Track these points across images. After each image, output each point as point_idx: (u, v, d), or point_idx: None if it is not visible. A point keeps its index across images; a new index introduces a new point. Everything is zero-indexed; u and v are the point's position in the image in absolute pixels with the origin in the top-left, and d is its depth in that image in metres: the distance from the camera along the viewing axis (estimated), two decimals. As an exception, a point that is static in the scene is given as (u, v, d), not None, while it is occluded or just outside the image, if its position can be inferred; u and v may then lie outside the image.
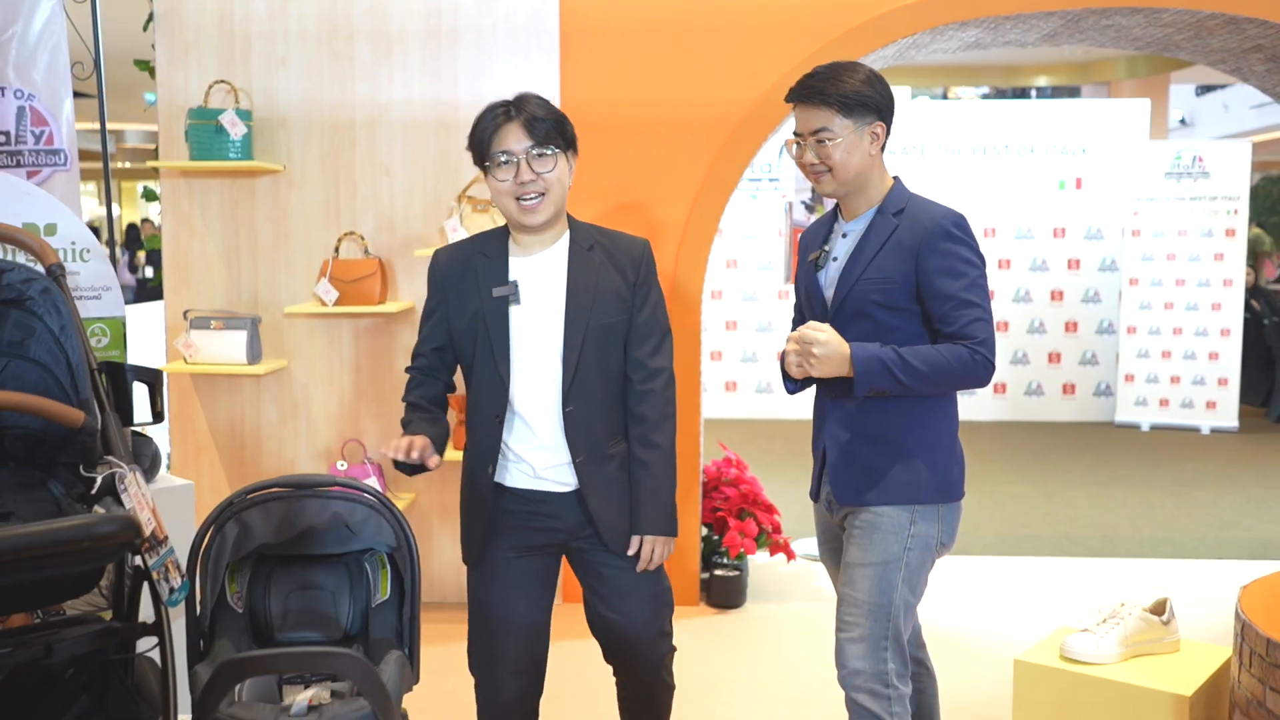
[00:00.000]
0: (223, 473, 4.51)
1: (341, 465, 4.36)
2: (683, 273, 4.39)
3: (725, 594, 4.52)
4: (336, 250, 4.36)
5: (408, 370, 2.51)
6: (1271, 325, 8.98)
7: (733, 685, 3.76)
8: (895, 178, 2.45)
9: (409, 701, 2.29)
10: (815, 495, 2.53)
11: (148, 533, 1.82)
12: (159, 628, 1.83)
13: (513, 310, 2.37)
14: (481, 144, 2.37)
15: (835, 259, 2.43)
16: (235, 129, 4.22)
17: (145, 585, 1.86)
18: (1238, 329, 8.47)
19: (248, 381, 4.48)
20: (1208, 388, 8.55)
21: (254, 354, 4.31)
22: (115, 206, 4.51)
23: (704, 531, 4.66)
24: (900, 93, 13.89)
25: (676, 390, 2.49)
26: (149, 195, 4.90)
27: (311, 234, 4.43)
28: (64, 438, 1.98)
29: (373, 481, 4.34)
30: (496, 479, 2.42)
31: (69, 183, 4.35)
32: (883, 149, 2.39)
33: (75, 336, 1.99)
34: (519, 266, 2.41)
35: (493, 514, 2.42)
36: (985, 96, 15.99)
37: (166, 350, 4.50)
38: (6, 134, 4.29)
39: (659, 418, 2.43)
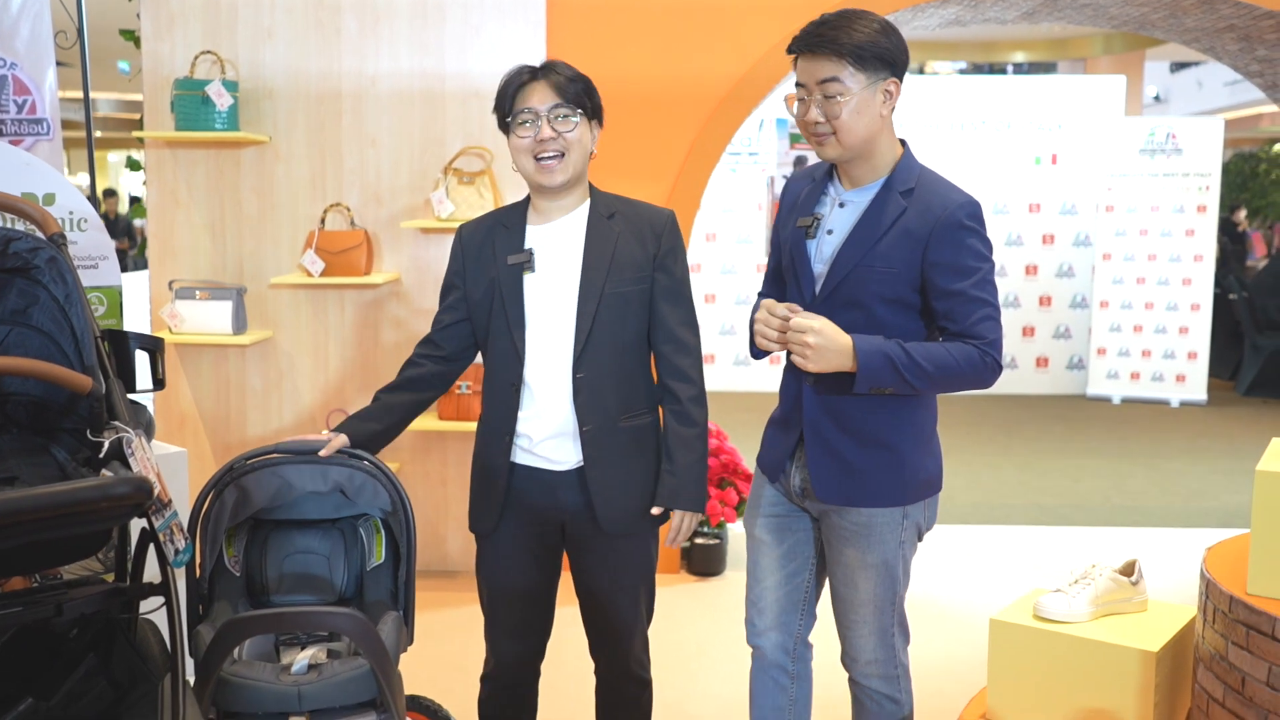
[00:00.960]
0: (207, 442, 4.55)
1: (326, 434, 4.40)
2: (666, 246, 4.44)
3: (706, 562, 4.61)
4: (323, 221, 4.38)
5: (416, 346, 2.49)
6: (1241, 300, 9.13)
7: (713, 651, 3.85)
8: (904, 144, 2.23)
9: (405, 663, 2.36)
10: (774, 476, 2.38)
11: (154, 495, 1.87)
12: (166, 588, 1.88)
13: (528, 278, 2.35)
14: (505, 101, 2.32)
15: (830, 232, 2.23)
16: (221, 100, 4.23)
17: (151, 547, 1.91)
18: (1208, 304, 8.61)
19: (233, 352, 4.51)
20: (1178, 361, 8.69)
21: (239, 324, 4.34)
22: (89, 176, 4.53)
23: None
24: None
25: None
26: (132, 165, 4.88)
27: (298, 205, 4.45)
28: (67, 403, 2.02)
29: (359, 451, 4.39)
30: (510, 457, 2.39)
31: (52, 152, 4.35)
32: (892, 110, 2.16)
33: (80, 305, 2.03)
34: (536, 235, 2.39)
35: (506, 489, 2.40)
36: (963, 72, 16.07)
37: (151, 320, 4.52)
38: (-11, 103, 4.29)
39: (695, 393, 2.39)
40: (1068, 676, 2.37)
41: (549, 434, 2.37)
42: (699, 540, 4.62)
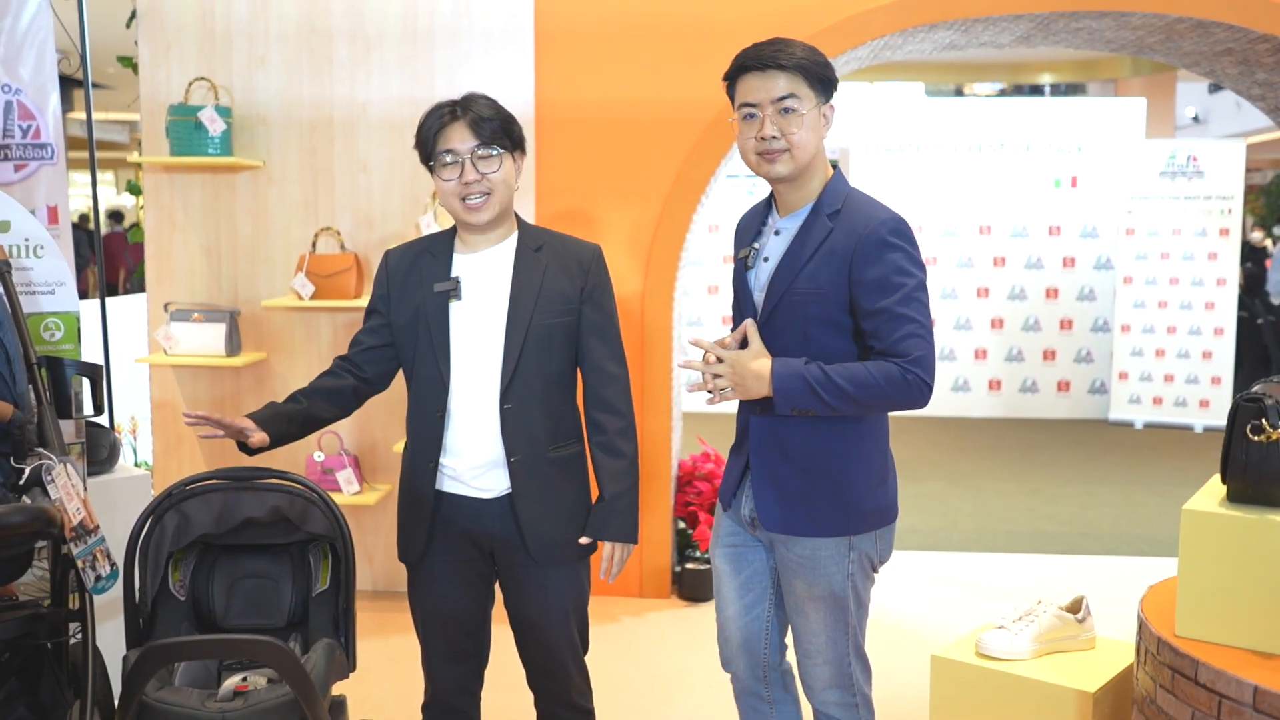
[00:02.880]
0: (203, 462, 4.60)
1: (319, 456, 4.45)
2: (655, 270, 4.45)
3: (696, 587, 4.59)
4: (314, 245, 4.43)
5: (334, 360, 2.49)
6: (1268, 324, 8.97)
7: (702, 676, 3.82)
8: (835, 167, 2.27)
9: (355, 689, 2.36)
10: (728, 504, 2.39)
11: (75, 522, 1.90)
12: (82, 613, 1.90)
13: (454, 306, 2.37)
14: (426, 143, 2.36)
15: (766, 259, 2.26)
16: (214, 125, 4.30)
17: (74, 572, 1.93)
18: (1231, 328, 8.46)
19: (227, 373, 4.57)
20: (1201, 386, 8.55)
21: (233, 346, 4.40)
22: (90, 199, 4.61)
23: (678, 525, 4.73)
24: (913, 90, 13.83)
25: (651, 385, 2.44)
26: (133, 189, 4.97)
27: (290, 229, 4.51)
28: (3, 430, 2.06)
29: (348, 473, 4.42)
30: (435, 484, 2.40)
31: (56, 175, 4.43)
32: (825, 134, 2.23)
33: (12, 332, 2.07)
34: (463, 264, 2.41)
35: (433, 516, 2.41)
36: (1003, 93, 15.92)
37: (149, 342, 4.59)
38: (-6, 128, 4.39)
39: (623, 425, 2.41)
40: (1008, 715, 2.33)
41: (476, 463, 2.38)
42: (690, 565, 4.60)
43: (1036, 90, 15.90)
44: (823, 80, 2.19)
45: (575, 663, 2.50)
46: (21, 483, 1.88)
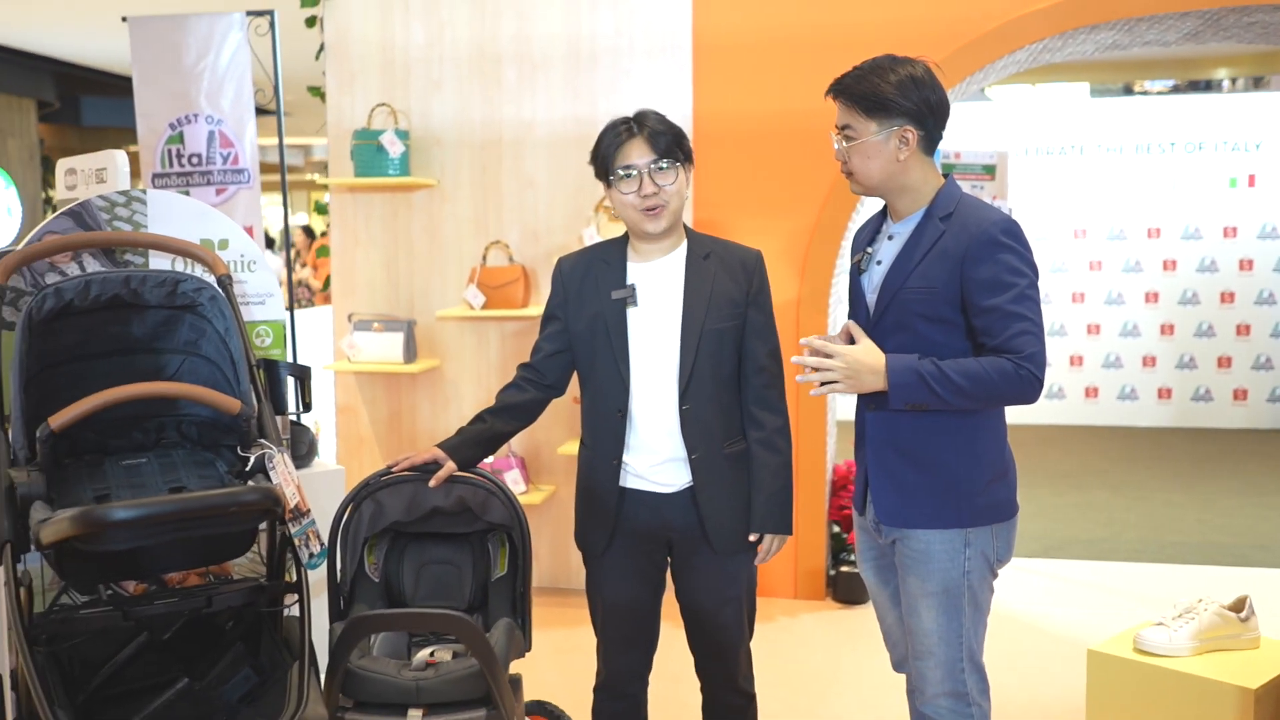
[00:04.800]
0: (381, 462, 4.91)
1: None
2: (810, 278, 4.54)
3: (850, 589, 4.64)
4: (484, 258, 4.69)
5: (518, 368, 2.68)
6: None
7: (857, 675, 3.89)
8: (947, 177, 2.33)
9: (526, 674, 2.53)
10: (860, 509, 2.45)
11: (290, 505, 2.13)
12: (299, 586, 2.13)
13: (630, 312, 2.52)
14: (606, 159, 2.50)
15: (879, 262, 2.34)
16: (394, 148, 4.61)
17: (290, 550, 2.17)
18: None
19: (404, 379, 4.87)
20: (1393, 395, 8.08)
21: (410, 354, 4.70)
22: (287, 217, 4.99)
23: (833, 529, 4.79)
24: (1077, 90, 13.42)
25: (805, 392, 2.55)
26: (320, 209, 5.36)
27: (462, 243, 4.78)
28: (228, 424, 2.32)
29: (515, 474, 4.66)
30: (619, 481, 2.54)
31: (251, 198, 4.84)
32: (930, 151, 2.28)
33: (237, 336, 2.33)
34: (637, 272, 2.56)
35: (617, 512, 2.55)
36: (1176, 90, 15.25)
37: (334, 350, 4.94)
38: (199, 156, 4.80)
39: (781, 423, 2.54)
40: (1166, 711, 2.34)
41: (657, 460, 2.53)
42: (845, 569, 4.66)
43: (1211, 86, 15.19)
44: (884, 109, 2.23)
45: (744, 649, 2.63)
46: (248, 469, 2.13)
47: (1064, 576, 4.92)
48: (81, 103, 13.81)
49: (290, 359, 4.91)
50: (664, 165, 2.46)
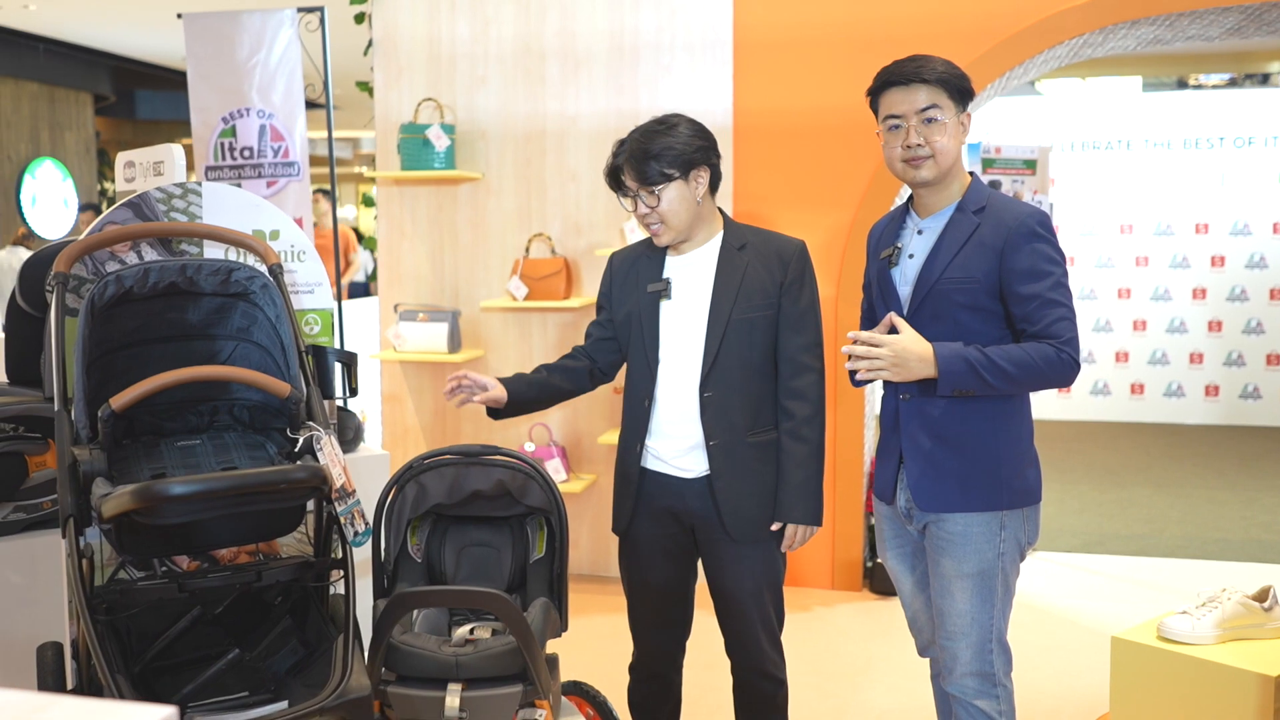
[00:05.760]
0: (425, 449, 5.01)
1: (529, 446, 4.78)
2: (849, 273, 4.57)
3: (887, 580, 4.67)
4: (527, 250, 4.78)
5: (576, 346, 2.80)
6: None
7: (891, 664, 3.94)
8: (972, 173, 2.43)
9: (564, 656, 2.60)
10: (888, 498, 2.50)
11: (337, 485, 2.22)
12: (344, 562, 2.23)
13: (664, 304, 2.61)
14: (611, 177, 2.63)
15: (911, 256, 2.39)
16: (440, 142, 4.70)
17: (336, 528, 2.26)
18: None
19: (449, 368, 4.96)
20: None
21: (454, 344, 4.79)
22: (338, 209, 5.11)
23: (870, 520, 4.83)
24: (1130, 84, 13.25)
25: (844, 384, 2.59)
26: (367, 201, 5.46)
27: (506, 235, 4.87)
28: (278, 407, 2.42)
29: (556, 462, 4.74)
30: (641, 463, 2.64)
31: (301, 190, 4.96)
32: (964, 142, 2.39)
33: (288, 324, 2.42)
34: (674, 265, 2.65)
35: (638, 491, 2.65)
36: (1234, 83, 14.93)
37: (380, 340, 5.05)
38: (250, 149, 4.93)
39: (809, 413, 2.57)
40: (1189, 699, 2.37)
41: (678, 445, 2.60)
42: (880, 560, 4.69)
43: (1269, 80, 14.88)
44: (961, 91, 2.34)
45: (768, 635, 2.67)
46: (296, 450, 2.22)
47: (1102, 571, 4.92)
48: (136, 96, 14.12)
49: (340, 347, 5.05)
50: (649, 189, 2.53)
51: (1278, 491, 6.58)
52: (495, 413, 2.69)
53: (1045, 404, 8.95)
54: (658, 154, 2.52)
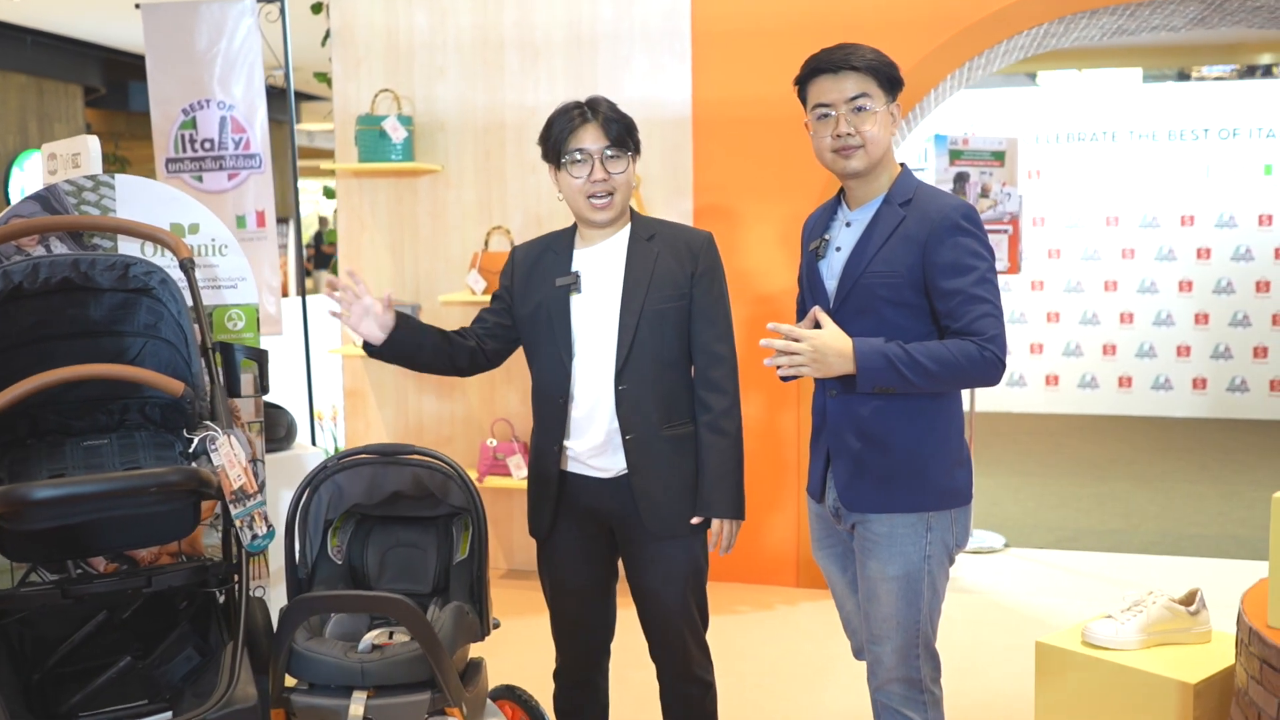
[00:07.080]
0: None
1: (491, 442, 4.73)
2: (809, 264, 4.51)
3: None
4: (486, 243, 4.72)
5: (465, 326, 2.67)
6: None
7: (846, 665, 3.87)
8: (903, 165, 2.36)
9: (499, 658, 2.54)
10: (818, 496, 2.45)
11: (234, 486, 2.17)
12: (237, 566, 2.17)
13: (574, 299, 2.54)
14: (558, 142, 2.50)
15: (839, 249, 2.35)
16: (396, 133, 4.64)
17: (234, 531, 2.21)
18: None
19: (409, 363, 4.91)
20: None
21: (413, 338, 4.73)
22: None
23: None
24: (1130, 75, 13.12)
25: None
26: (328, 193, 5.43)
27: (466, 228, 4.81)
28: (177, 404, 2.36)
29: (518, 458, 4.69)
30: (560, 465, 2.56)
31: (263, 182, 4.90)
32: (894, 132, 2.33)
33: (188, 319, 2.37)
34: (582, 258, 2.57)
35: (558, 495, 2.58)
36: (1237, 74, 14.74)
37: (341, 334, 5.00)
38: (211, 141, 4.88)
39: (727, 405, 2.52)
40: (1110, 705, 2.31)
41: (595, 443, 2.53)
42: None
43: (1265, 72, 14.74)
44: (890, 80, 2.29)
45: (693, 635, 2.61)
46: (190, 450, 2.17)
47: (1074, 568, 4.86)
48: (129, 88, 14.08)
49: (304, 344, 5.00)
50: (615, 153, 2.47)
51: (1258, 485, 6.51)
52: (371, 349, 2.52)
53: (1032, 398, 8.88)
54: (629, 124, 2.51)
